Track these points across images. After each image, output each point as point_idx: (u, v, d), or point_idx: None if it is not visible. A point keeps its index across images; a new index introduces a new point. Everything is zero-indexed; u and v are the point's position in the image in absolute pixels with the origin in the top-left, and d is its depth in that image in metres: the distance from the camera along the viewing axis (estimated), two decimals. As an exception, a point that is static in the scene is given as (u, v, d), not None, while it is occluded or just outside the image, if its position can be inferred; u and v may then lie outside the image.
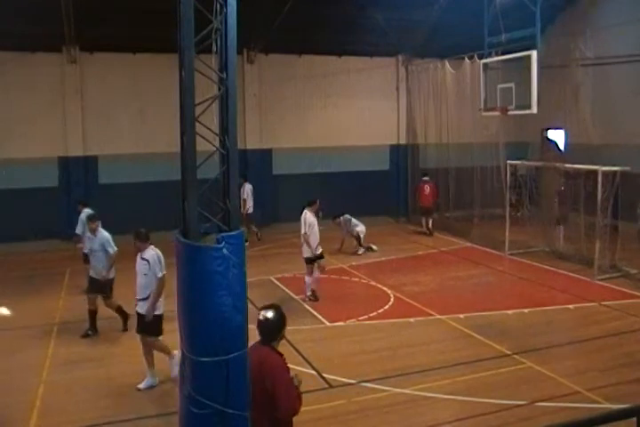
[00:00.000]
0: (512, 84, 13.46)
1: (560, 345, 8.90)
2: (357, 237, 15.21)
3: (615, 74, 16.50)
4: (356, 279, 12.64)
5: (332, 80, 18.47)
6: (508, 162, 14.65)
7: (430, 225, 17.33)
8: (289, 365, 4.83)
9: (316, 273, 11.17)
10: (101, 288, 9.62)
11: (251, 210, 16.46)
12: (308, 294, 11.11)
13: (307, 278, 11.18)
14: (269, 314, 4.57)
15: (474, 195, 16.98)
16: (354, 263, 13.88)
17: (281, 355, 4.54)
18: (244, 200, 16.10)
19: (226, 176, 5.03)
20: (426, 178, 17.59)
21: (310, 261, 11.05)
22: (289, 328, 9.74)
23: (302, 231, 11.02)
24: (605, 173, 11.89)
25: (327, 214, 18.47)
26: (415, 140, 19.40)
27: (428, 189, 17.39)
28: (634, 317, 9.87)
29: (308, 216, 11.11)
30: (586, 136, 15.14)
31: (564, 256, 13.79)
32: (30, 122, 15.58)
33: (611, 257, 12.57)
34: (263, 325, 4.55)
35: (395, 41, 17.86)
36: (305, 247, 11.02)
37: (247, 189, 16.31)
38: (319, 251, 11.08)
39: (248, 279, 5.15)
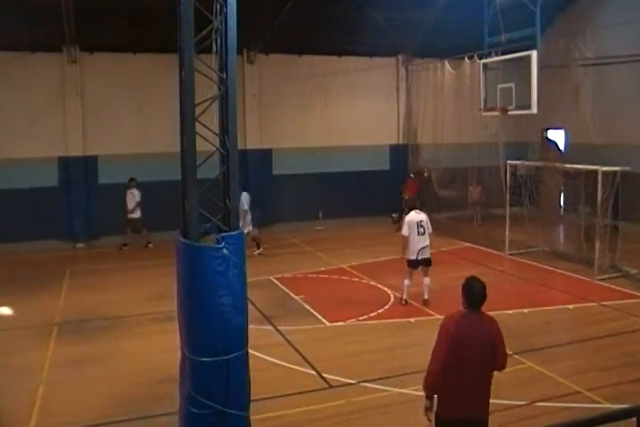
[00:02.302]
0: (512, 84, 13.45)
1: (560, 345, 8.90)
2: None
3: (615, 74, 16.50)
4: (356, 279, 12.64)
5: (332, 80, 18.47)
6: (508, 162, 14.65)
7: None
8: (289, 365, 4.88)
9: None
10: None
11: (138, 215, 15.68)
12: (404, 297, 10.74)
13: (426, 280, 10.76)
14: (480, 284, 4.86)
15: (474, 194, 17.02)
16: (354, 263, 13.88)
17: None
18: (138, 204, 15.57)
19: (226, 176, 5.04)
20: (412, 175, 18.32)
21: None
22: (289, 328, 9.81)
23: (430, 231, 10.76)
24: (605, 173, 11.89)
25: (327, 215, 18.64)
26: (415, 140, 19.41)
27: (415, 184, 18.00)
28: (634, 317, 9.87)
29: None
30: (586, 136, 15.12)
31: (564, 256, 13.79)
32: (30, 122, 15.58)
33: (611, 257, 12.57)
34: (479, 293, 4.81)
35: (395, 41, 17.86)
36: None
37: (136, 193, 15.62)
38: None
39: (248, 279, 5.15)
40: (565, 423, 3.88)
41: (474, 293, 4.82)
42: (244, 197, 14.36)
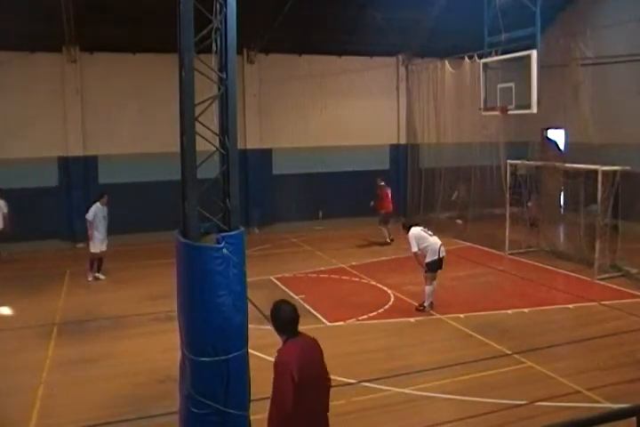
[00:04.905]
0: (512, 84, 13.45)
1: (560, 345, 8.90)
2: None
3: (615, 73, 16.50)
4: (356, 279, 12.64)
5: (332, 80, 18.48)
6: (509, 161, 14.65)
7: (390, 232, 15.97)
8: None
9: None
10: None
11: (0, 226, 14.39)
12: (427, 304, 10.38)
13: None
14: (289, 306, 4.71)
15: (474, 194, 17.01)
16: (354, 263, 13.88)
17: None
18: (5, 215, 14.44)
19: (226, 176, 5.03)
20: (383, 183, 16.61)
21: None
22: (289, 328, 9.71)
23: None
24: (605, 173, 11.89)
25: (327, 215, 18.64)
26: (415, 139, 19.42)
27: (389, 193, 16.48)
28: (634, 316, 9.87)
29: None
30: (586, 136, 15.12)
31: (564, 256, 13.79)
32: (30, 122, 15.57)
33: (611, 256, 12.57)
34: (292, 315, 4.68)
35: (395, 41, 17.85)
36: None
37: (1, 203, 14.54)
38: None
39: (248, 279, 5.15)
40: (565, 423, 3.87)
41: (286, 318, 4.60)
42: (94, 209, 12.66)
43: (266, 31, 15.73)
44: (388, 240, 15.90)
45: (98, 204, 12.67)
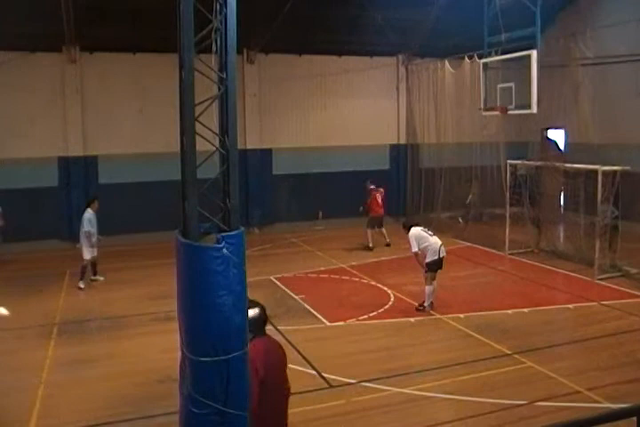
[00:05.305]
0: (512, 84, 13.46)
1: (560, 345, 8.90)
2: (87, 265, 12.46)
3: (615, 73, 16.50)
4: (356, 279, 12.64)
5: (332, 80, 18.48)
6: (509, 162, 14.65)
7: (386, 234, 15.64)
8: (289, 364, 4.96)
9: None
10: None
11: None
12: (427, 304, 10.38)
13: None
14: (259, 307, 4.92)
15: (473, 194, 17.03)
16: (354, 263, 13.89)
17: None
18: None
19: (226, 176, 5.03)
20: (373, 186, 15.94)
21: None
22: (289, 328, 9.81)
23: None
24: (605, 173, 11.89)
25: (327, 215, 18.63)
26: (415, 139, 19.42)
27: (379, 197, 15.79)
28: (634, 316, 9.87)
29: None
30: (586, 136, 15.13)
31: (564, 256, 13.79)
32: (30, 122, 15.58)
33: (611, 256, 12.57)
34: (261, 316, 4.86)
35: (395, 41, 17.85)
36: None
37: None
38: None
39: (248, 279, 5.15)
40: (565, 423, 3.87)
41: (256, 319, 4.71)
42: (88, 217, 12.19)
43: (266, 31, 15.73)
44: (370, 246, 15.40)
45: (89, 210, 12.26)
